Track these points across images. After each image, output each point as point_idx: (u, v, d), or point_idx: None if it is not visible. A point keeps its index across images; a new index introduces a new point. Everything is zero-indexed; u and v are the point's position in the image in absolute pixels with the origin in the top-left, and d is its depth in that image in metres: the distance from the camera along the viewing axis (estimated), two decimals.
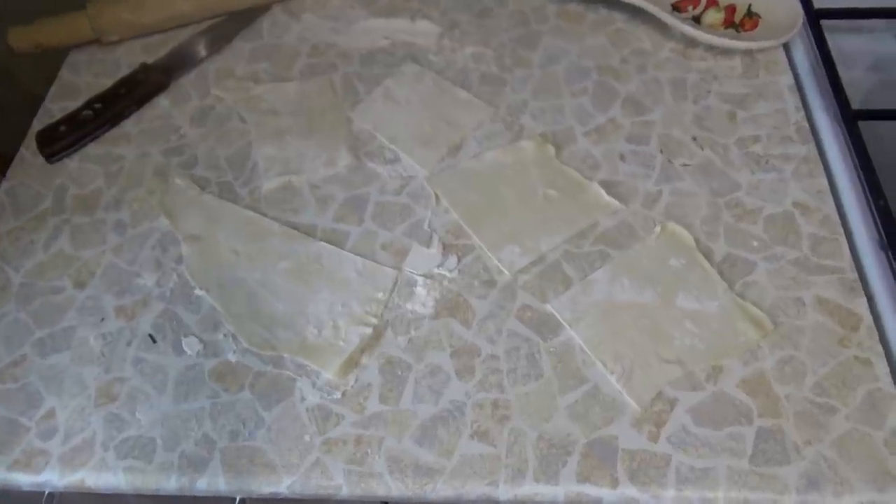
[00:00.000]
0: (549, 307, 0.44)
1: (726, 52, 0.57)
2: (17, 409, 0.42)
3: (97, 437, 0.41)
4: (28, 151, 0.55)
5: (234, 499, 0.43)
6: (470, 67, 0.58)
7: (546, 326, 0.43)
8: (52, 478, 0.40)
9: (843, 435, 0.38)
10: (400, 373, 0.42)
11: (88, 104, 0.56)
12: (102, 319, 0.45)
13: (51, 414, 0.42)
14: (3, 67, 0.83)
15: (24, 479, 0.40)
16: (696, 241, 0.46)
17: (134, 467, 0.40)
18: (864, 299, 0.43)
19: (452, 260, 0.46)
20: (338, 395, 0.41)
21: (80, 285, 0.47)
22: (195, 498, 0.41)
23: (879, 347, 0.41)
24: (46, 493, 0.43)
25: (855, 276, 0.44)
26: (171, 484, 0.39)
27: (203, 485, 0.39)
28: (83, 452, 0.40)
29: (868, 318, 0.42)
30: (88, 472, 0.40)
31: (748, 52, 0.57)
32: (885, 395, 0.40)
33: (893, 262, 0.44)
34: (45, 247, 0.49)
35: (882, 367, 0.41)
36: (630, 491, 0.38)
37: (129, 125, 0.56)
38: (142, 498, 0.46)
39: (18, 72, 0.84)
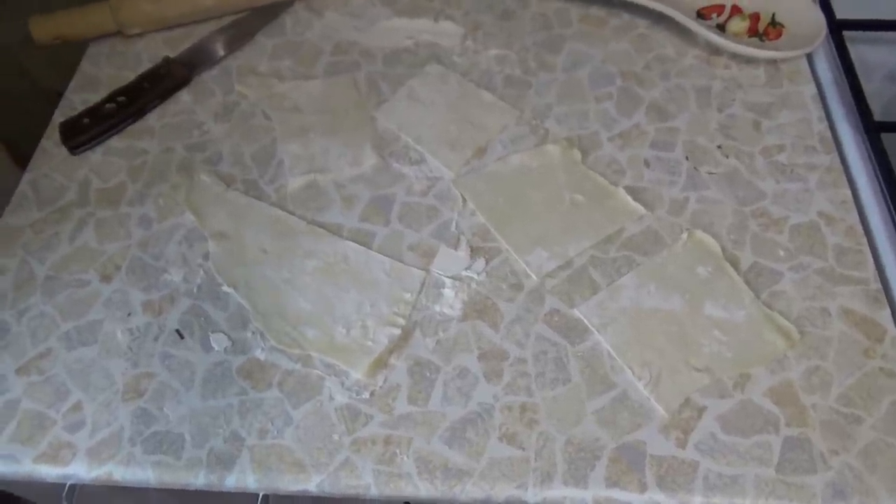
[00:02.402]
0: (576, 312, 0.44)
1: (750, 60, 0.57)
2: (43, 401, 0.42)
3: (125, 431, 0.41)
4: (50, 143, 0.55)
5: (257, 496, 0.43)
6: (494, 70, 0.59)
7: (574, 331, 0.44)
8: (80, 471, 0.40)
9: (868, 445, 0.39)
10: (428, 374, 0.42)
11: (112, 97, 0.56)
12: (129, 314, 0.45)
13: (78, 407, 0.42)
14: (16, 59, 0.83)
15: (50, 472, 0.40)
16: (723, 249, 0.46)
17: (163, 462, 0.40)
18: (889, 311, 0.44)
19: (480, 263, 0.47)
20: (366, 395, 0.42)
21: (106, 279, 0.47)
22: (216, 493, 0.41)
23: None
24: (68, 485, 0.43)
25: (879, 286, 0.45)
26: (199, 480, 0.39)
27: (232, 482, 0.39)
28: (111, 446, 0.40)
29: (892, 329, 0.43)
30: (116, 465, 0.40)
31: (772, 62, 0.57)
32: None
33: None
34: (70, 239, 0.49)
35: None
36: (658, 496, 0.38)
37: (152, 119, 0.56)
38: (162, 492, 0.46)
39: (30, 64, 0.84)
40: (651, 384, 0.41)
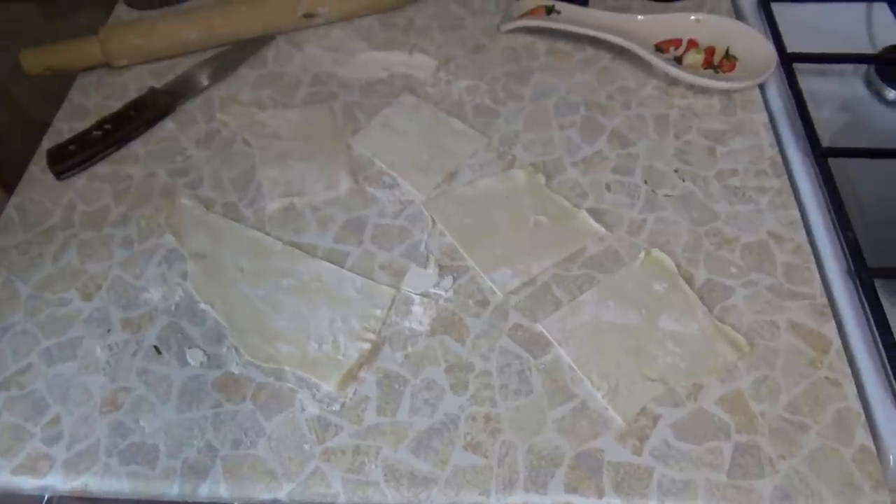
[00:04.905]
0: (539, 327, 0.46)
1: (705, 90, 0.61)
2: (22, 415, 0.43)
3: (101, 443, 0.42)
4: (37, 168, 0.57)
5: None
6: (465, 100, 0.61)
7: (536, 345, 0.46)
8: (56, 482, 0.41)
9: (814, 450, 0.41)
10: (397, 386, 0.44)
11: (98, 125, 0.58)
12: (109, 331, 0.47)
13: (56, 420, 0.43)
14: (6, 90, 0.86)
15: (27, 483, 0.41)
16: (678, 266, 0.49)
17: (138, 473, 0.41)
18: (834, 324, 0.46)
19: (448, 280, 0.49)
20: (337, 406, 0.43)
21: (87, 298, 0.49)
22: None
23: (848, 369, 0.44)
24: (46, 497, 0.44)
25: (825, 301, 0.47)
26: (173, 490, 0.41)
27: (205, 491, 0.41)
28: (87, 458, 0.42)
29: (837, 341, 0.45)
30: (92, 476, 0.41)
31: (726, 92, 0.60)
32: (853, 413, 0.42)
33: (860, 290, 0.47)
34: (53, 260, 0.51)
35: (850, 388, 0.43)
36: (615, 501, 0.39)
37: (136, 146, 0.58)
38: None
39: (20, 95, 0.86)
40: (609, 394, 0.43)
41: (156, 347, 0.46)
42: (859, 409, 0.42)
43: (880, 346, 0.45)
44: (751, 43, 0.62)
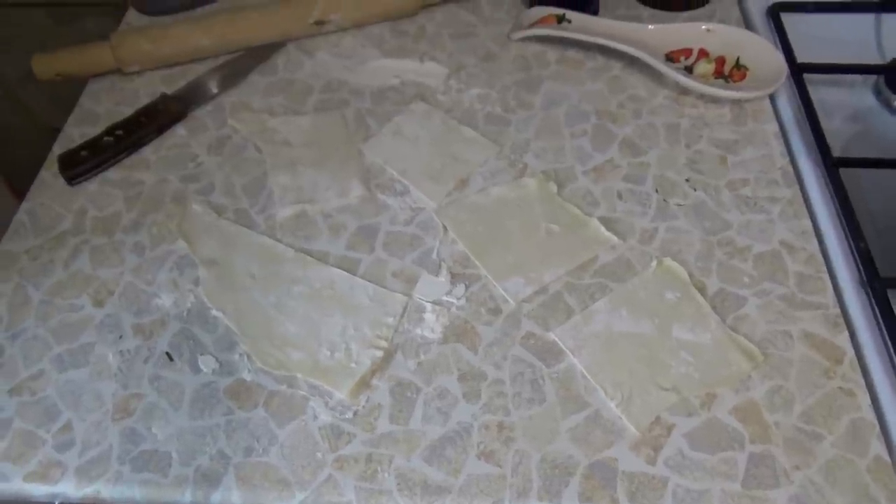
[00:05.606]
0: (551, 335, 0.46)
1: (716, 100, 0.61)
2: (33, 421, 0.43)
3: (113, 450, 0.42)
4: (48, 174, 0.57)
5: None
6: (476, 107, 0.62)
7: (549, 353, 0.46)
8: (68, 489, 0.41)
9: (829, 461, 0.41)
10: (409, 394, 0.44)
11: (110, 131, 0.58)
12: (120, 337, 0.47)
13: (68, 427, 0.43)
14: (17, 96, 0.86)
15: (38, 490, 0.41)
16: (691, 276, 0.49)
17: (150, 480, 0.41)
18: (847, 334, 0.46)
19: (460, 288, 0.49)
20: (349, 414, 0.43)
21: (98, 304, 0.48)
22: None
23: (861, 379, 0.44)
24: None
25: (838, 311, 0.47)
26: (185, 497, 0.40)
27: (217, 499, 0.40)
28: (99, 465, 0.42)
29: (851, 351, 0.45)
30: (104, 484, 0.41)
31: (737, 102, 0.60)
32: (868, 424, 0.42)
33: (873, 300, 0.47)
34: (64, 266, 0.51)
35: (864, 398, 0.43)
36: None
37: (147, 152, 0.59)
38: None
39: (31, 101, 0.87)
40: (622, 404, 0.43)
41: (168, 354, 0.46)
42: (873, 419, 0.42)
43: (893, 356, 0.45)
44: (761, 53, 0.62)
